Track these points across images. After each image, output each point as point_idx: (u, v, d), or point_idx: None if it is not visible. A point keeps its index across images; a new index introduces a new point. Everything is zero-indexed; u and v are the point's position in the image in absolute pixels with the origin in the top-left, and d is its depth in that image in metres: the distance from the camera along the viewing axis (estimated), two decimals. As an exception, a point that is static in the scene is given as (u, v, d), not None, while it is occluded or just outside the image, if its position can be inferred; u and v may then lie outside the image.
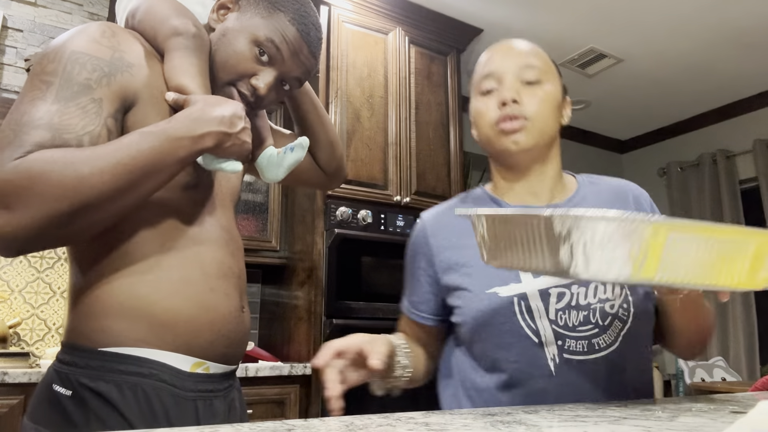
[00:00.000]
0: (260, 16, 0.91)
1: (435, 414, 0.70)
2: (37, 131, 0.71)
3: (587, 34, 3.30)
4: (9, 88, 2.33)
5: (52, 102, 0.74)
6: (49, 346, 2.43)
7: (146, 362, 0.80)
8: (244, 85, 0.91)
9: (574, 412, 0.71)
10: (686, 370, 3.57)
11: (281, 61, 0.92)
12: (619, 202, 1.04)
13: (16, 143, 0.70)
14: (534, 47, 1.04)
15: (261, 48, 0.90)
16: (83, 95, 0.76)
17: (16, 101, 0.75)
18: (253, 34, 0.90)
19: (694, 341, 0.99)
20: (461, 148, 3.07)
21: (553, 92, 1.00)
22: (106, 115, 0.77)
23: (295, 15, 0.92)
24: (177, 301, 0.84)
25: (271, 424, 0.60)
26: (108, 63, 0.79)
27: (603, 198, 1.04)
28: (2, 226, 0.68)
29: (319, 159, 1.18)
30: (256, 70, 0.91)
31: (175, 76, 0.84)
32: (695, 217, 4.17)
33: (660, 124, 4.60)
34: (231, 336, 0.90)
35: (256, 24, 0.90)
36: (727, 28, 3.22)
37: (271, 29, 0.90)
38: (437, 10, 3.09)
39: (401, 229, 2.71)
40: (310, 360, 2.39)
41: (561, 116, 1.05)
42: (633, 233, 0.60)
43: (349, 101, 2.72)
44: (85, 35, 0.80)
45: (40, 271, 2.49)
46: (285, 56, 0.91)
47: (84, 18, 2.56)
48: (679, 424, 0.62)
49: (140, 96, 0.81)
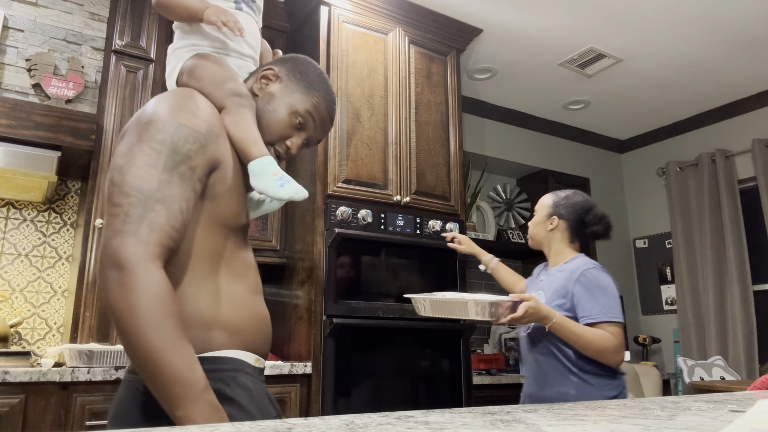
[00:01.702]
0: (300, 92, 1.14)
1: (434, 413, 0.70)
2: (156, 209, 0.91)
3: (587, 34, 3.31)
4: (10, 87, 2.34)
5: (161, 171, 0.93)
6: (50, 345, 2.44)
7: (230, 360, 1.00)
8: (281, 145, 1.14)
9: (574, 411, 0.71)
10: (685, 369, 3.58)
11: (312, 129, 1.16)
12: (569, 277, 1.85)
13: (146, 224, 0.89)
14: (542, 198, 2.05)
15: (299, 118, 1.13)
16: (184, 164, 0.95)
17: (127, 157, 0.93)
18: (294, 106, 1.13)
19: (588, 354, 1.71)
20: (461, 148, 3.07)
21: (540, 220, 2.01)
22: (196, 179, 0.97)
23: (325, 95, 1.17)
24: (243, 314, 1.07)
25: (272, 423, 0.60)
26: (204, 135, 0.99)
27: (564, 274, 1.87)
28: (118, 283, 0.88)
29: None
30: (292, 134, 1.14)
31: (240, 129, 1.06)
32: (694, 217, 4.17)
33: (659, 124, 4.60)
34: (270, 338, 1.14)
35: (297, 99, 1.14)
36: (726, 28, 3.23)
37: (308, 104, 1.14)
38: (437, 10, 3.09)
39: (401, 229, 2.71)
40: (310, 359, 2.39)
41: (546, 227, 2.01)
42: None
43: (349, 101, 2.73)
44: (184, 108, 1.00)
45: (41, 271, 2.49)
46: (316, 125, 1.16)
47: (84, 18, 2.56)
48: (678, 422, 0.62)
49: (222, 161, 1.02)
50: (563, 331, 1.67)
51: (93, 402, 1.94)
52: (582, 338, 1.66)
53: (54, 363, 2.07)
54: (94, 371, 1.95)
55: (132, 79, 2.51)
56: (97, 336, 2.20)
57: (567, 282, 1.79)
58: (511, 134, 4.30)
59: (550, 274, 1.90)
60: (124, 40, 2.53)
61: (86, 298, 2.22)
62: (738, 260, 3.87)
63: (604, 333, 1.67)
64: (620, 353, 1.68)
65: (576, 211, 1.93)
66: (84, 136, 2.27)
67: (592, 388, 1.70)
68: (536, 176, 4.37)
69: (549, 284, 1.86)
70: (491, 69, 3.69)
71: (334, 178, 2.60)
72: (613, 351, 1.66)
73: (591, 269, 1.78)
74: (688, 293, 4.13)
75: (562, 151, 4.55)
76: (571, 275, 1.79)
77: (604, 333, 1.67)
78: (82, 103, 2.45)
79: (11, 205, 2.49)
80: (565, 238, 1.94)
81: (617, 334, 1.68)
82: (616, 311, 1.71)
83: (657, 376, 3.70)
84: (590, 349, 1.67)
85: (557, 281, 1.83)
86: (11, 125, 2.14)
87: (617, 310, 1.72)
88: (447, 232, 2.55)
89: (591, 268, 1.79)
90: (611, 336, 1.67)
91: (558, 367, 1.75)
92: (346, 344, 2.44)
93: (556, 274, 1.86)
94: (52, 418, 1.89)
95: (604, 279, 1.78)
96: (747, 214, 4.00)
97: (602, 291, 1.74)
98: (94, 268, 2.27)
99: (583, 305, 1.72)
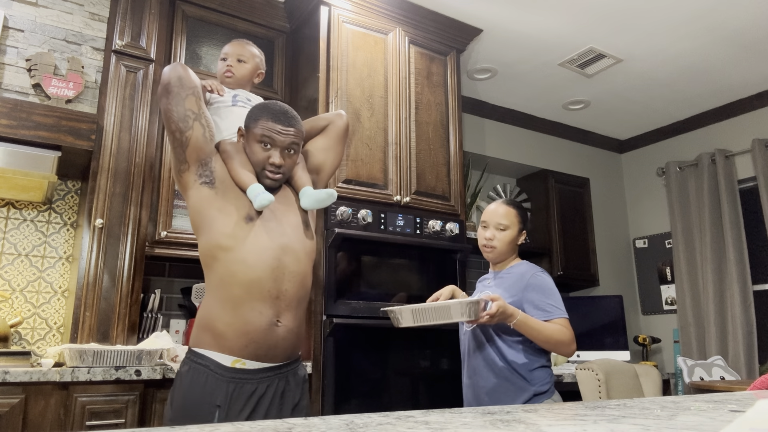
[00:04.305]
0: (253, 128, 1.54)
1: (434, 413, 0.71)
2: None
3: (586, 34, 3.31)
4: (10, 88, 2.33)
5: None
6: (50, 345, 2.43)
7: (204, 357, 1.44)
8: (269, 167, 1.53)
9: (574, 411, 0.71)
10: (685, 369, 3.58)
11: (275, 141, 1.52)
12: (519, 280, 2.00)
13: None
14: (507, 210, 2.07)
15: (263, 142, 1.52)
16: None
17: None
18: (255, 137, 1.53)
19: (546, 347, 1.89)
20: (461, 148, 3.08)
21: (509, 233, 2.05)
22: None
23: (266, 113, 1.54)
24: (228, 318, 1.44)
25: (272, 423, 0.60)
26: None
27: (513, 277, 2.03)
28: None
29: None
30: (268, 155, 1.53)
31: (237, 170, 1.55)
32: (694, 217, 4.17)
33: (659, 124, 4.61)
34: (261, 342, 1.44)
35: (254, 133, 1.53)
36: (726, 28, 3.23)
37: (260, 130, 1.53)
38: (437, 10, 3.09)
39: (401, 229, 2.72)
40: (310, 359, 2.39)
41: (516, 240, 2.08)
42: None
43: (349, 101, 2.73)
44: None
45: (41, 271, 2.49)
46: (275, 137, 1.52)
47: (85, 18, 2.56)
48: (678, 422, 0.62)
49: None
50: (525, 327, 1.84)
51: (93, 402, 1.94)
52: (542, 333, 1.84)
53: (54, 363, 2.07)
54: (94, 371, 1.95)
55: (132, 79, 2.51)
56: (97, 336, 2.20)
57: (517, 283, 1.97)
58: (511, 134, 4.30)
59: (498, 276, 2.07)
60: (124, 40, 2.53)
61: (86, 298, 2.22)
62: (738, 260, 3.87)
63: (560, 327, 1.87)
64: (573, 344, 1.89)
65: (528, 219, 2.17)
66: (84, 136, 2.27)
67: (524, 382, 1.90)
68: (536, 176, 4.37)
69: (498, 284, 2.03)
70: (491, 69, 3.69)
71: (334, 178, 2.60)
72: (568, 342, 1.87)
73: (539, 273, 1.98)
74: (688, 293, 4.13)
75: (562, 151, 4.55)
76: (521, 278, 1.98)
77: (560, 327, 1.87)
78: (82, 103, 2.45)
79: (11, 205, 2.49)
80: None
81: (569, 327, 1.89)
82: (564, 308, 1.93)
83: (657, 376, 3.69)
84: (550, 342, 1.86)
85: (506, 282, 2.01)
86: (11, 125, 2.14)
87: (564, 307, 1.94)
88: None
89: (539, 272, 1.99)
90: (566, 329, 1.87)
91: (496, 361, 1.94)
92: (346, 344, 2.44)
93: (505, 276, 2.04)
94: (52, 418, 1.89)
95: (551, 281, 1.99)
96: (747, 214, 4.00)
97: (551, 291, 1.95)
98: (94, 268, 2.27)
99: (537, 304, 1.90)
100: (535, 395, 1.90)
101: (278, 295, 1.47)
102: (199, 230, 1.53)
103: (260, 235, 1.49)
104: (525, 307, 1.91)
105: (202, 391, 1.40)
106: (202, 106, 1.55)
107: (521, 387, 1.89)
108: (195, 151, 1.52)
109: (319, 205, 1.61)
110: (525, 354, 1.91)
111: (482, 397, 1.96)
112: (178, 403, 1.43)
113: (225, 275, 1.47)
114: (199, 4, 2.82)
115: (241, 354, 1.43)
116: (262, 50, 1.90)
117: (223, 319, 1.45)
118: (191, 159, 1.52)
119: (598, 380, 2.78)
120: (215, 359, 1.43)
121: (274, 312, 1.46)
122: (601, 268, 4.43)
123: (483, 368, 1.96)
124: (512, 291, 1.96)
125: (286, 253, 1.51)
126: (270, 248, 1.49)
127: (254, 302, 1.44)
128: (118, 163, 2.40)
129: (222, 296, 1.46)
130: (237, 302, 1.45)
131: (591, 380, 2.80)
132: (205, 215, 1.51)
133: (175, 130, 1.52)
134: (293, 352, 1.55)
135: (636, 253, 4.72)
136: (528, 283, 1.94)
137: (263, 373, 1.46)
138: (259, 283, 1.45)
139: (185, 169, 1.53)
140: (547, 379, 1.93)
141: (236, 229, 1.47)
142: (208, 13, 2.84)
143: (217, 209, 1.50)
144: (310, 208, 1.62)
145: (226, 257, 1.47)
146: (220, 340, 1.44)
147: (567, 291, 4.40)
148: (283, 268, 1.49)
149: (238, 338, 1.43)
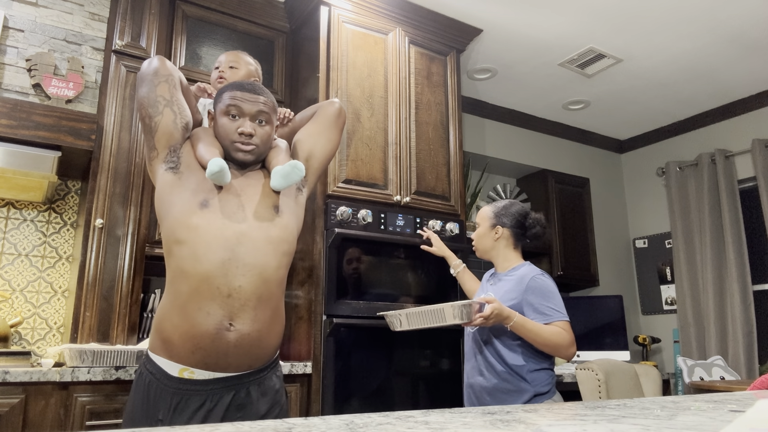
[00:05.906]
0: (220, 103, 1.49)
1: (434, 413, 0.71)
2: None
3: (587, 34, 3.31)
4: (10, 88, 2.33)
5: None
6: (50, 345, 2.43)
7: (153, 364, 1.32)
8: (239, 137, 1.45)
9: (574, 410, 0.72)
10: (685, 369, 3.58)
11: (243, 110, 1.46)
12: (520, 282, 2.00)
13: None
14: (482, 209, 2.20)
15: (230, 114, 1.46)
16: None
17: None
18: (223, 110, 1.48)
19: (545, 349, 1.87)
20: (461, 148, 3.07)
21: (480, 230, 2.15)
22: None
23: (232, 86, 1.49)
24: (175, 320, 1.29)
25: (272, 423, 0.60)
26: None
27: (513, 279, 2.02)
28: None
29: None
30: (237, 125, 1.46)
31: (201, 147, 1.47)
32: (694, 217, 4.17)
33: (659, 124, 4.60)
34: (209, 349, 1.26)
35: (220, 107, 1.49)
36: (726, 28, 3.23)
37: (226, 101, 1.47)
38: (437, 10, 3.09)
39: (401, 229, 2.72)
40: (310, 359, 2.39)
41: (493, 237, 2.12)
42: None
43: (349, 101, 2.73)
44: None
45: (41, 271, 2.49)
46: (241, 105, 1.46)
47: (85, 18, 2.56)
48: (678, 422, 0.62)
49: None
50: (522, 330, 1.84)
51: (93, 402, 1.94)
52: (540, 336, 1.83)
53: (54, 363, 2.07)
54: (94, 371, 1.95)
55: (132, 79, 2.51)
56: (97, 336, 2.20)
57: (517, 286, 1.97)
58: (511, 134, 4.30)
59: (499, 279, 2.07)
60: (124, 40, 2.53)
61: (86, 298, 2.22)
62: (738, 260, 3.87)
63: (559, 329, 1.85)
64: (573, 347, 1.87)
65: (516, 217, 2.14)
66: (84, 136, 2.27)
67: (524, 383, 1.89)
68: (536, 176, 4.37)
69: (499, 287, 2.03)
70: (491, 69, 3.69)
71: (334, 178, 2.60)
72: (567, 345, 1.85)
73: (539, 276, 1.98)
74: (688, 293, 4.13)
75: (561, 151, 4.55)
76: (520, 281, 1.97)
77: (559, 329, 1.85)
78: (82, 103, 2.45)
79: (11, 205, 2.49)
80: (510, 244, 2.12)
81: (569, 330, 1.88)
82: (564, 311, 1.92)
83: (657, 376, 3.70)
84: (548, 344, 1.85)
85: (507, 285, 2.01)
86: (11, 125, 2.14)
87: (565, 309, 1.93)
88: (425, 231, 2.66)
89: (539, 275, 1.98)
90: (565, 332, 1.86)
91: (495, 363, 1.94)
92: (346, 344, 2.44)
93: (505, 278, 2.04)
94: (52, 418, 1.89)
95: (551, 284, 1.98)
96: (747, 214, 4.00)
97: (551, 294, 1.94)
98: (94, 268, 2.27)
99: (537, 307, 1.89)
100: (535, 396, 1.90)
101: (230, 293, 1.27)
102: (160, 221, 1.41)
103: (214, 222, 1.32)
104: (525, 310, 1.90)
105: (145, 401, 1.28)
106: (175, 94, 1.49)
107: (522, 388, 1.89)
108: (164, 136, 1.44)
109: (288, 181, 1.43)
110: (524, 356, 1.90)
111: (483, 397, 1.96)
112: (128, 412, 1.33)
113: (176, 270, 1.31)
114: (199, 4, 2.82)
115: (188, 362, 1.26)
116: (262, 50, 1.91)
117: (171, 321, 1.28)
118: (160, 145, 1.44)
119: (598, 380, 2.78)
120: (162, 367, 1.29)
121: (224, 313, 1.26)
122: (601, 268, 4.43)
123: (484, 369, 1.96)
124: (512, 294, 1.96)
125: (241, 243, 1.31)
126: (222, 237, 1.30)
127: (201, 301, 1.26)
128: (118, 163, 2.40)
129: (171, 295, 1.31)
130: (184, 302, 1.27)
131: (591, 380, 2.81)
132: (164, 202, 1.39)
133: (144, 116, 1.46)
134: (254, 360, 1.33)
135: (636, 253, 4.72)
136: (527, 286, 1.94)
137: (214, 384, 1.28)
138: (207, 280, 1.27)
139: (154, 156, 1.45)
140: (547, 380, 1.93)
141: (190, 217, 1.32)
142: (208, 13, 2.84)
143: (176, 195, 1.37)
144: (279, 187, 1.43)
145: (179, 251, 1.32)
146: (168, 345, 1.28)
147: (567, 291, 4.40)
148: (236, 261, 1.29)
149: (184, 343, 1.26)
